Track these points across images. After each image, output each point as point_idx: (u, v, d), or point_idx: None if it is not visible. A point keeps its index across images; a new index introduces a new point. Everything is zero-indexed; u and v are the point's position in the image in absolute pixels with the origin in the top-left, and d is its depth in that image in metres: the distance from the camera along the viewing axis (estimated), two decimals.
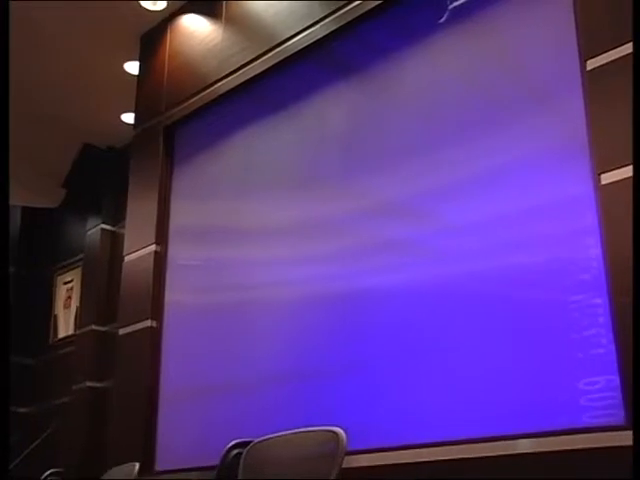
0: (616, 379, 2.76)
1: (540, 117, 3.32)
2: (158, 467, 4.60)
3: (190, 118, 5.22)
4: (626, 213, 2.79)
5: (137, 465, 3.37)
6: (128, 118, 6.49)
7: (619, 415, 2.72)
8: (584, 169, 3.06)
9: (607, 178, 2.91)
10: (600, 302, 2.89)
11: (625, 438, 2.61)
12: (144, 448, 4.59)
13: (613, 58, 2.99)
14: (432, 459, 3.18)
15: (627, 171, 2.83)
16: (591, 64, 3.07)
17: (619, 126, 2.91)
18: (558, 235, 3.11)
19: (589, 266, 2.97)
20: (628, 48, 2.93)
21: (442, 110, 3.72)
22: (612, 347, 2.79)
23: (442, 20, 3.81)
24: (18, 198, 8.62)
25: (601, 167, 2.95)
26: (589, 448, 2.72)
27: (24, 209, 8.72)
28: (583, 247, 3.01)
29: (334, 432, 2.20)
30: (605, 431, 2.73)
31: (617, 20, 3.04)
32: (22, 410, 8.00)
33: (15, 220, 8.76)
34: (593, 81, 3.06)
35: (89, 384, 6.92)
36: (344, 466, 2.11)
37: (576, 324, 2.95)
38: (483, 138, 3.50)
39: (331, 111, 4.33)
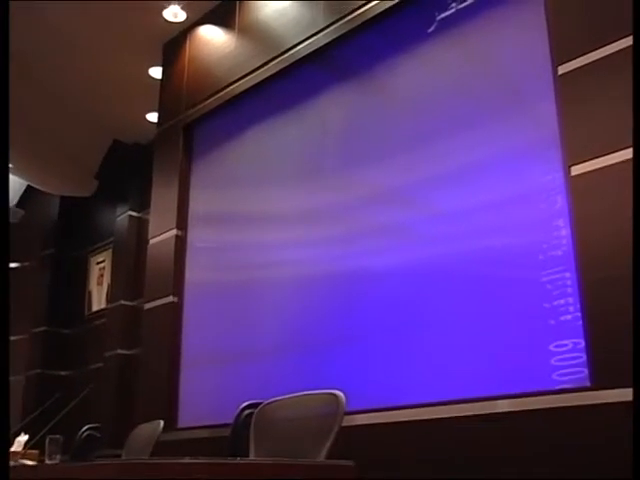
0: (582, 342, 2.80)
1: (518, 116, 3.30)
2: (180, 424, 4.61)
3: (207, 117, 5.19)
4: (593, 200, 2.84)
5: (161, 422, 3.37)
6: (152, 117, 6.46)
7: (584, 372, 2.76)
8: (556, 162, 3.06)
9: (576, 170, 2.92)
10: (569, 276, 2.91)
11: (589, 398, 2.66)
12: (167, 407, 4.60)
13: (581, 64, 3.00)
14: (420, 418, 3.19)
15: (594, 164, 2.85)
16: (562, 69, 3.07)
17: (587, 124, 2.93)
18: (533, 219, 3.10)
19: (560, 244, 2.98)
20: (594, 55, 2.96)
21: (431, 109, 3.70)
22: (579, 314, 2.83)
23: (431, 30, 3.78)
24: (57, 188, 8.61)
25: (571, 160, 2.95)
26: (558, 407, 2.75)
27: (62, 198, 8.72)
28: (555, 228, 3.02)
29: (335, 395, 2.19)
30: (572, 392, 2.75)
31: (584, 31, 3.05)
32: (62, 373, 8.03)
33: (54, 208, 8.76)
34: (564, 84, 3.06)
35: (119, 351, 6.94)
36: (343, 424, 2.10)
37: (548, 295, 2.97)
38: (468, 134, 3.47)
39: (332, 110, 4.30)
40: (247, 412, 2.64)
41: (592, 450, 2.60)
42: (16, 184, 9.20)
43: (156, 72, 6.00)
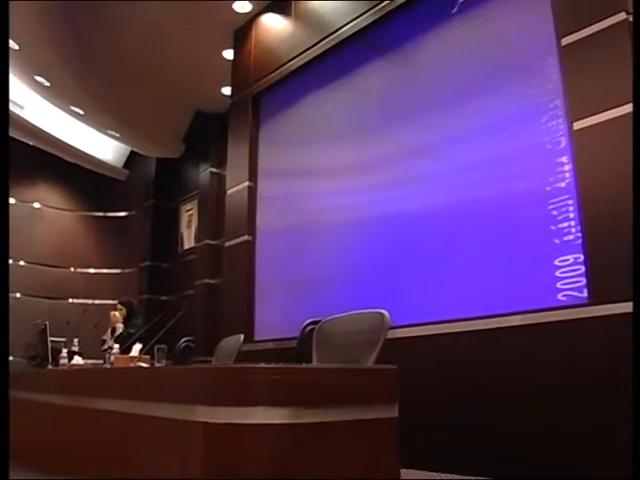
0: (581, 257, 2.80)
1: (528, 81, 3.20)
2: (256, 337, 4.72)
3: (270, 89, 5.17)
4: (591, 148, 2.79)
5: (242, 336, 3.43)
6: (226, 91, 6.48)
7: (582, 282, 2.77)
8: (560, 113, 3.00)
9: (578, 125, 2.86)
10: (571, 202, 2.90)
11: (588, 312, 2.66)
12: (246, 324, 4.70)
13: (582, 36, 2.90)
14: (445, 332, 3.23)
15: (592, 120, 2.79)
16: (565, 41, 2.98)
17: (586, 87, 2.84)
18: (542, 158, 3.05)
19: (563, 177, 2.95)
20: (592, 29, 2.86)
21: (455, 78, 3.61)
22: (579, 234, 2.82)
23: (454, 11, 3.67)
24: (153, 152, 8.74)
25: (574, 116, 2.89)
26: (562, 320, 2.75)
27: (157, 159, 8.83)
28: (559, 164, 2.98)
29: (381, 313, 2.21)
30: (573, 307, 2.74)
31: (583, 8, 2.92)
32: (163, 298, 8.26)
33: (152, 167, 8.90)
34: (567, 53, 2.96)
35: (206, 281, 7.11)
36: (387, 337, 2.14)
37: (554, 219, 2.95)
38: (487, 98, 3.39)
39: (372, 80, 4.23)
40: (309, 328, 2.67)
41: (588, 352, 2.61)
42: (122, 150, 9.37)
43: (228, 54, 6.00)
